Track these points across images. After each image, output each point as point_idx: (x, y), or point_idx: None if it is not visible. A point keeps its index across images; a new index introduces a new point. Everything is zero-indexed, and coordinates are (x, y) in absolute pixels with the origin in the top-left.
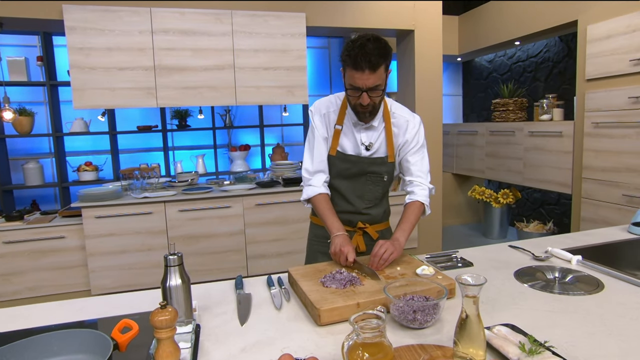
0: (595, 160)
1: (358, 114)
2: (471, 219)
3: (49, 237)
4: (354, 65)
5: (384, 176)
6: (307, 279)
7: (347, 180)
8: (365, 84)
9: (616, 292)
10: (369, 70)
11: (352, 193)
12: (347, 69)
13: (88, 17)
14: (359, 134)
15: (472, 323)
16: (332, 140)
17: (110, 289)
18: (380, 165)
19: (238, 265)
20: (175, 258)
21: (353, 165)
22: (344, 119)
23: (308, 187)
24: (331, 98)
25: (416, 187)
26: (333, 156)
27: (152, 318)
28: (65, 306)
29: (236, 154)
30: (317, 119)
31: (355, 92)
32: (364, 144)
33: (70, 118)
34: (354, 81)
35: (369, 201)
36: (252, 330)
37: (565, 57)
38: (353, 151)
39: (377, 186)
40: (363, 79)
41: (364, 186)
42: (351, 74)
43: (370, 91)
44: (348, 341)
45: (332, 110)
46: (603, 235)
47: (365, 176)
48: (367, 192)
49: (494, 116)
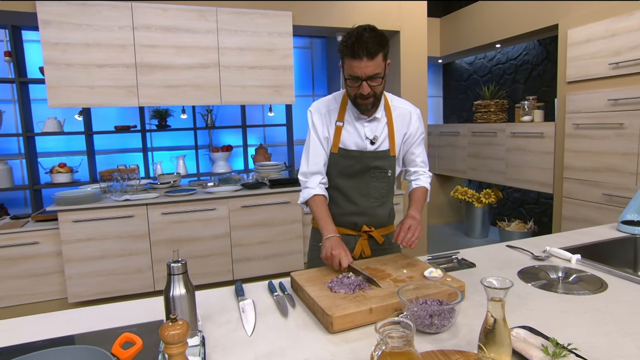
0: (576, 161)
1: (359, 107)
2: (453, 218)
3: (20, 243)
4: (352, 54)
5: (388, 171)
6: (312, 284)
7: (350, 178)
8: (364, 72)
9: (620, 291)
10: (367, 58)
11: (356, 192)
12: (346, 59)
13: (64, 11)
14: (362, 128)
15: (499, 327)
16: (333, 138)
17: (89, 296)
18: (383, 159)
19: (223, 269)
20: (180, 266)
21: (356, 161)
22: (344, 115)
23: (305, 189)
24: (330, 97)
25: (421, 175)
26: (335, 153)
27: (162, 332)
28: (51, 319)
29: (218, 155)
30: (317, 118)
31: (355, 81)
32: (369, 138)
33: (43, 117)
34: (352, 70)
35: (375, 199)
36: (261, 340)
37: (544, 60)
38: (356, 146)
39: (382, 182)
40: (362, 67)
41: (369, 183)
42: (350, 63)
43: (369, 80)
44: (377, 351)
45: (332, 109)
46: (594, 234)
47: (369, 172)
48: (372, 190)
49: (476, 117)
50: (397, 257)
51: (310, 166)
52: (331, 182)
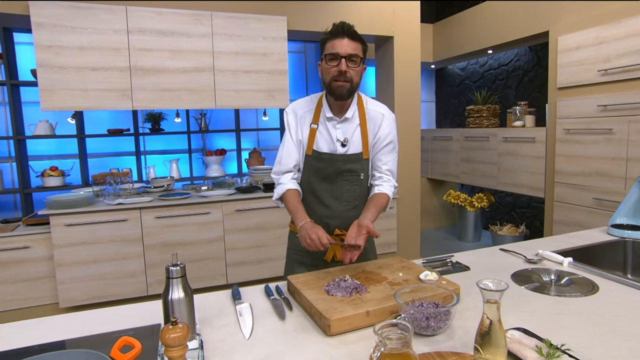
0: (567, 165)
1: (335, 91)
2: (446, 222)
3: (11, 247)
4: (334, 34)
5: (360, 174)
6: (309, 287)
7: (323, 181)
8: (344, 50)
9: (611, 293)
10: (348, 37)
11: (329, 195)
12: (327, 42)
13: (58, 14)
14: (334, 131)
15: (495, 329)
16: (308, 140)
17: (81, 301)
18: (355, 162)
19: (217, 273)
20: (178, 269)
21: (328, 164)
22: (319, 118)
23: (278, 186)
24: (307, 99)
25: (385, 182)
26: (309, 156)
27: (162, 335)
28: (46, 324)
29: (212, 159)
30: (292, 119)
31: (334, 60)
32: (339, 140)
33: (34, 120)
34: (333, 48)
35: (348, 202)
36: (259, 343)
37: (535, 66)
38: (328, 149)
39: (355, 186)
40: (343, 44)
41: (341, 187)
42: (331, 43)
43: (348, 60)
44: (376, 353)
45: (308, 110)
46: (585, 237)
47: (341, 176)
48: (344, 193)
49: (468, 122)
50: (393, 260)
51: (282, 165)
52: (306, 185)
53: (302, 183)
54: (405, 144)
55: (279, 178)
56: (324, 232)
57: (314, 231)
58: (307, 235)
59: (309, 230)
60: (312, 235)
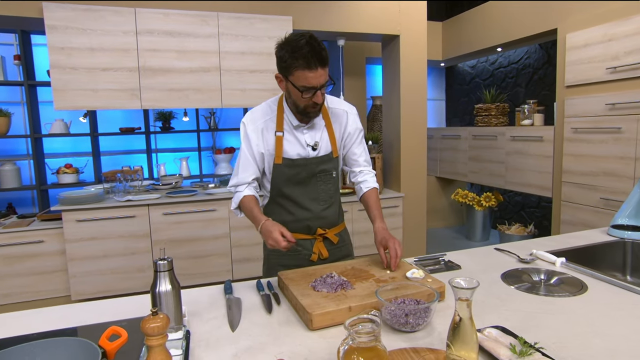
0: (575, 165)
1: (308, 114)
2: (454, 221)
3: (26, 241)
4: (307, 65)
5: (332, 172)
6: (297, 282)
7: (298, 185)
8: (319, 81)
9: (600, 293)
10: (321, 67)
11: (306, 198)
12: (298, 71)
13: (69, 16)
14: (302, 136)
15: (465, 326)
16: (275, 149)
17: (92, 294)
18: (327, 162)
19: (223, 269)
20: (166, 263)
21: (302, 168)
22: (283, 125)
23: (235, 194)
24: (264, 106)
25: (367, 175)
26: (280, 164)
27: (143, 325)
28: (47, 313)
29: (221, 157)
30: (252, 131)
31: (309, 92)
32: (310, 145)
33: (50, 119)
34: (308, 81)
35: (324, 201)
36: (244, 336)
37: (545, 64)
38: (299, 155)
39: (328, 184)
40: (317, 77)
41: (316, 187)
42: (303, 75)
43: (321, 88)
44: (344, 346)
45: (269, 119)
46: (584, 238)
47: (315, 177)
48: (320, 193)
49: (477, 121)
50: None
51: (240, 179)
52: (279, 191)
53: (272, 190)
54: (412, 142)
55: (236, 188)
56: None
57: (276, 231)
58: (270, 234)
59: (270, 229)
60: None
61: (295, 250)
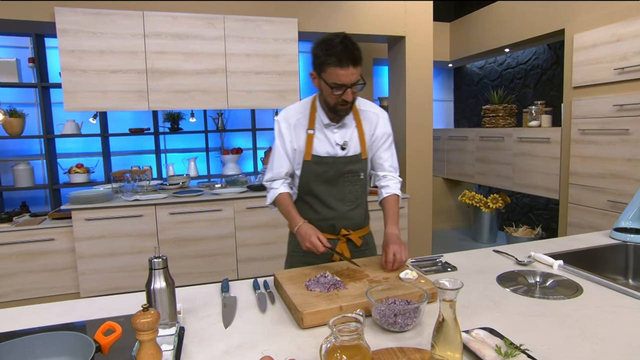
0: (582, 166)
1: (338, 112)
2: (461, 223)
3: (38, 239)
4: (339, 63)
5: (360, 174)
6: (292, 282)
7: (325, 184)
8: (350, 80)
9: (594, 296)
10: (353, 65)
11: (332, 197)
12: (330, 68)
13: (80, 20)
14: (332, 135)
15: (448, 326)
16: (306, 146)
17: (100, 291)
18: (355, 163)
19: (228, 269)
20: (160, 261)
21: (330, 167)
22: (315, 123)
23: (270, 191)
24: (298, 106)
25: (390, 180)
26: (309, 161)
27: (134, 320)
28: (52, 308)
29: (228, 157)
30: (285, 128)
31: (340, 89)
32: (339, 144)
33: (62, 120)
34: (339, 79)
35: (351, 202)
36: (236, 333)
37: (554, 65)
38: (328, 153)
39: (356, 185)
40: (348, 75)
41: (343, 188)
42: (335, 72)
43: (353, 86)
44: (326, 344)
45: (301, 117)
46: (586, 240)
47: (342, 177)
48: (347, 194)
49: (484, 122)
50: (378, 259)
51: (274, 175)
52: (307, 189)
53: (300, 187)
54: (417, 143)
55: (271, 183)
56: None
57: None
58: (307, 237)
59: (307, 232)
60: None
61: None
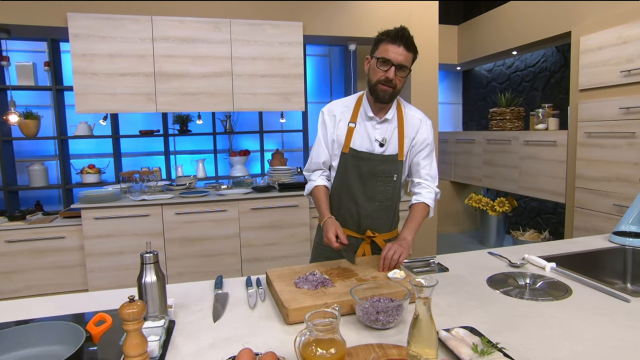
0: (588, 170)
1: (378, 93)
2: (469, 226)
3: (49, 237)
4: (392, 39)
5: (394, 175)
6: (282, 279)
7: (358, 180)
8: (397, 58)
9: (583, 298)
10: (404, 47)
11: (362, 194)
12: (382, 44)
13: (91, 25)
14: (373, 131)
15: (422, 323)
16: (345, 139)
17: (107, 288)
18: (390, 163)
19: (233, 268)
20: (151, 256)
21: (364, 163)
22: (357, 117)
23: (309, 182)
24: (345, 100)
25: (423, 189)
26: (346, 154)
27: (120, 311)
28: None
29: (236, 159)
30: (328, 119)
31: (385, 65)
32: (378, 140)
33: (75, 122)
34: (387, 54)
35: (380, 202)
36: (224, 327)
37: (562, 67)
38: (365, 148)
39: (388, 186)
40: (397, 52)
41: (375, 187)
42: (386, 47)
43: (398, 69)
44: (300, 337)
45: (346, 109)
46: (584, 244)
47: (375, 176)
48: (377, 193)
49: (491, 125)
50: (372, 259)
51: (313, 164)
52: (341, 183)
53: (335, 180)
54: None
55: (310, 175)
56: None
57: (332, 229)
58: (325, 233)
59: (327, 228)
60: (329, 234)
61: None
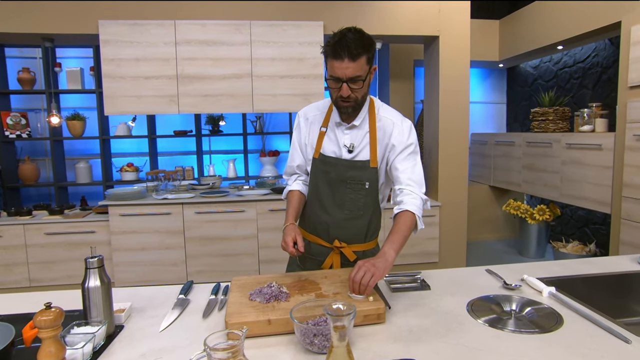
0: (637, 178)
1: (340, 109)
2: (508, 234)
3: (81, 230)
4: (333, 54)
5: (365, 183)
6: (240, 290)
7: (327, 186)
8: (344, 73)
9: (573, 332)
10: (348, 59)
11: (331, 201)
12: (328, 60)
13: (119, 31)
14: (342, 136)
15: (336, 353)
16: (316, 143)
17: (133, 282)
18: (360, 169)
19: (250, 269)
20: (95, 261)
21: (332, 168)
22: (329, 121)
23: (287, 186)
24: (319, 102)
25: (406, 195)
26: (316, 159)
27: (35, 318)
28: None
29: (266, 159)
30: (302, 122)
31: (336, 83)
32: (346, 146)
33: (116, 122)
34: (333, 71)
35: (350, 211)
36: (167, 337)
37: (616, 62)
38: (333, 153)
39: (358, 194)
40: (342, 68)
41: (344, 195)
42: (331, 63)
43: (350, 82)
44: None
45: (319, 113)
46: (605, 265)
47: (345, 183)
48: (347, 201)
49: (533, 126)
50: (343, 271)
51: (288, 168)
52: (313, 188)
53: (309, 186)
54: (451, 149)
55: (288, 179)
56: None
57: (291, 234)
58: (284, 236)
59: (285, 233)
60: (287, 238)
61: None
